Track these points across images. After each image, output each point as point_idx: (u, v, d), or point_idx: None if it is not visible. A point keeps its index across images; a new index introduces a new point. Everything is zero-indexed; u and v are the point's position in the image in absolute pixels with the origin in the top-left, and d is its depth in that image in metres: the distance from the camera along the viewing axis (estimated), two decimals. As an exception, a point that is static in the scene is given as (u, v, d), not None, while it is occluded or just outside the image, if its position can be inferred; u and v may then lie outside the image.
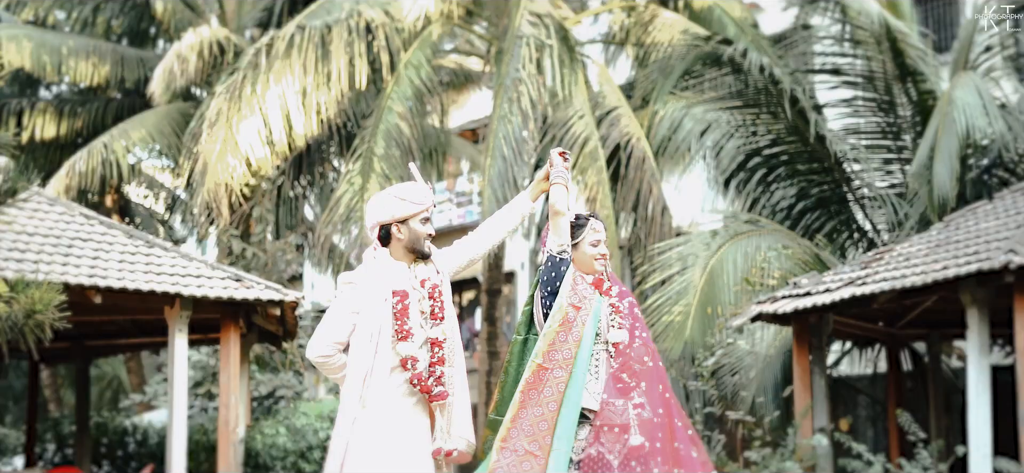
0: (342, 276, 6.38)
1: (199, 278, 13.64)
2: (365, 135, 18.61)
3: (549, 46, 18.21)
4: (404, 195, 6.41)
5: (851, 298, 13.35)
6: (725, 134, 18.20)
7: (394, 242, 6.37)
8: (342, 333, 6.27)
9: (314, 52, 18.58)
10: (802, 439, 13.84)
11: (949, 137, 14.86)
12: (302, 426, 15.04)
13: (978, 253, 12.74)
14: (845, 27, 18.23)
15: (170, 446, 13.55)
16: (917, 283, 12.83)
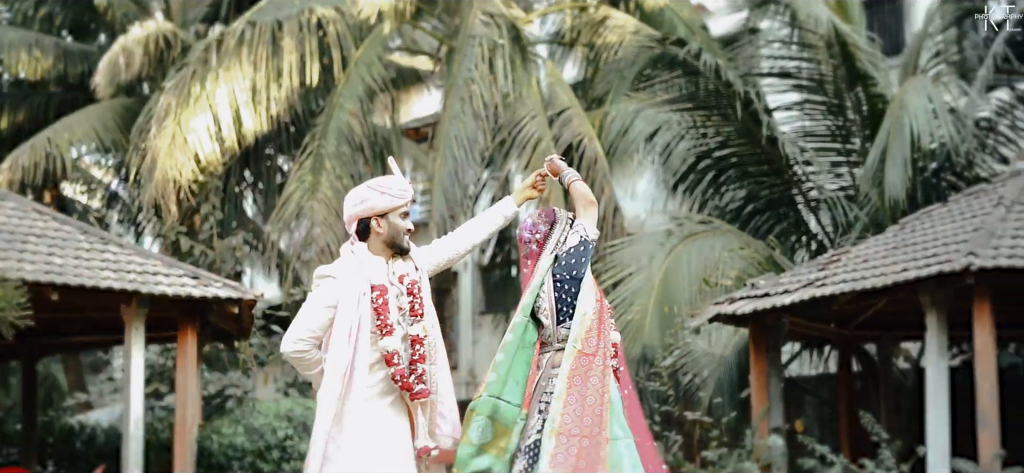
0: (319, 269, 6.25)
1: (157, 276, 13.44)
2: (316, 132, 18.47)
3: (502, 46, 18.19)
4: (385, 188, 6.28)
5: (811, 299, 13.43)
6: (676, 136, 18.28)
7: (373, 236, 6.25)
8: (319, 327, 6.12)
9: (265, 49, 18.44)
10: (760, 439, 13.90)
11: (900, 142, 15.03)
12: (260, 425, 14.87)
13: (937, 255, 12.85)
14: (794, 31, 18.35)
15: (126, 446, 13.35)
16: (878, 285, 12.93)
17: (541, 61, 19.93)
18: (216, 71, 18.23)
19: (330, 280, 6.15)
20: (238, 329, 14.86)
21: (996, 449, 12.39)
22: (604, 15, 19.70)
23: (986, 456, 12.42)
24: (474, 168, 18.28)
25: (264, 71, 18.42)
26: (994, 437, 12.45)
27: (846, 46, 17.32)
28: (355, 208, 6.30)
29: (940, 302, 12.90)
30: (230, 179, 20.06)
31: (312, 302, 6.16)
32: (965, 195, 14.77)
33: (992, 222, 13.03)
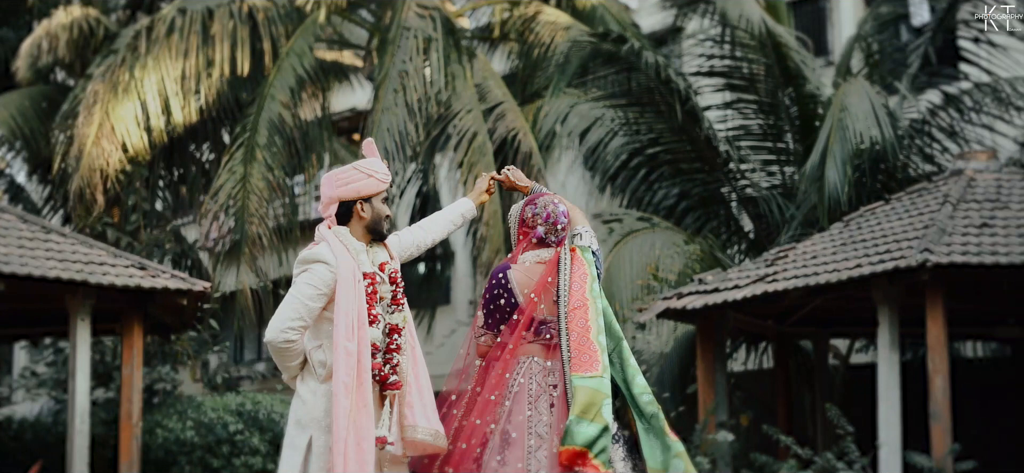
0: (307, 253, 5.90)
1: (103, 266, 13.12)
2: (247, 123, 18.16)
3: (436, 40, 18.05)
4: (372, 170, 6.05)
5: (763, 295, 13.54)
6: (609, 132, 18.31)
7: (355, 220, 6.01)
8: (309, 315, 5.83)
9: (195, 37, 18.10)
10: (708, 435, 13.98)
11: (842, 142, 15.18)
12: (210, 420, 14.57)
13: (890, 252, 13.03)
14: (726, 30, 18.46)
15: (71, 441, 13.02)
16: (832, 280, 13.08)
17: (474, 55, 19.80)
18: (145, 59, 17.85)
19: (324, 266, 5.85)
20: (179, 322, 14.55)
21: (948, 443, 12.60)
22: (536, 10, 19.66)
23: (938, 450, 12.61)
24: (405, 161, 18.12)
25: (194, 59, 18.07)
26: (946, 431, 12.66)
27: (779, 46, 17.47)
28: (338, 190, 6.03)
29: (892, 298, 13.08)
30: (154, 169, 19.61)
31: (303, 288, 5.82)
32: (907, 193, 15.00)
33: (942, 219, 13.25)
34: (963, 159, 15.08)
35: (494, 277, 6.28)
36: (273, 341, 5.81)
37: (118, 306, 13.59)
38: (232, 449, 14.42)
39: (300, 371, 5.98)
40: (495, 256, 17.74)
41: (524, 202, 6.50)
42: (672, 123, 17.96)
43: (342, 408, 5.71)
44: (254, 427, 14.71)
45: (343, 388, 5.72)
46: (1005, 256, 12.55)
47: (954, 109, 17.56)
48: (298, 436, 5.89)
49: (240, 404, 14.96)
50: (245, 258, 17.18)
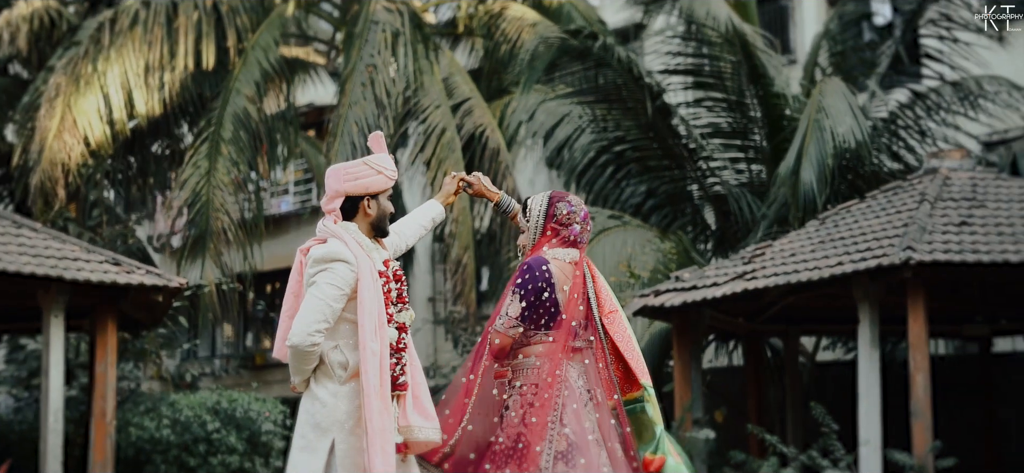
0: (326, 252, 5.65)
1: (77, 261, 12.86)
2: (212, 118, 17.94)
3: (403, 34, 17.92)
4: (382, 166, 5.87)
5: (743, 292, 13.53)
6: (577, 129, 18.26)
7: (360, 216, 5.84)
8: (333, 316, 5.64)
9: (159, 30, 17.85)
10: (685, 432, 13.95)
11: (819, 142, 15.18)
12: (186, 418, 14.34)
13: (871, 249, 13.04)
14: (693, 27, 18.42)
15: (44, 440, 12.75)
16: (813, 278, 13.07)
17: (441, 51, 19.68)
18: (108, 51, 17.58)
19: (345, 264, 5.65)
20: (150, 319, 14.32)
21: (929, 440, 12.63)
22: (502, 7, 19.58)
23: (919, 447, 12.65)
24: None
25: (158, 52, 17.82)
26: (927, 428, 12.69)
27: (746, 44, 17.47)
28: (346, 184, 5.84)
29: (873, 296, 13.10)
30: (115, 163, 19.33)
31: (327, 289, 5.61)
32: (882, 191, 15.03)
33: (921, 218, 13.28)
34: (937, 157, 15.14)
35: (537, 269, 6.06)
36: (301, 345, 5.59)
37: (90, 302, 13.32)
38: (209, 448, 14.21)
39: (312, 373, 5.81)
40: (464, 253, 17.65)
41: (552, 197, 6.31)
42: (640, 120, 17.93)
43: (375, 409, 5.56)
44: (231, 425, 14.50)
45: (374, 390, 5.59)
46: (986, 254, 12.59)
47: (920, 108, 17.65)
48: (317, 439, 5.70)
49: (216, 402, 14.75)
50: (210, 253, 16.98)
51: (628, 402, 6.27)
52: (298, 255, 5.98)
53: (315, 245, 5.84)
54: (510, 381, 6.07)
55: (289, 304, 5.99)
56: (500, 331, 5.99)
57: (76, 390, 16.39)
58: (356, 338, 5.69)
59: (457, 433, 6.00)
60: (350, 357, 5.70)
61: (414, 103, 18.06)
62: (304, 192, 25.70)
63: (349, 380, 5.71)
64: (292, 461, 5.76)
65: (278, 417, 15.18)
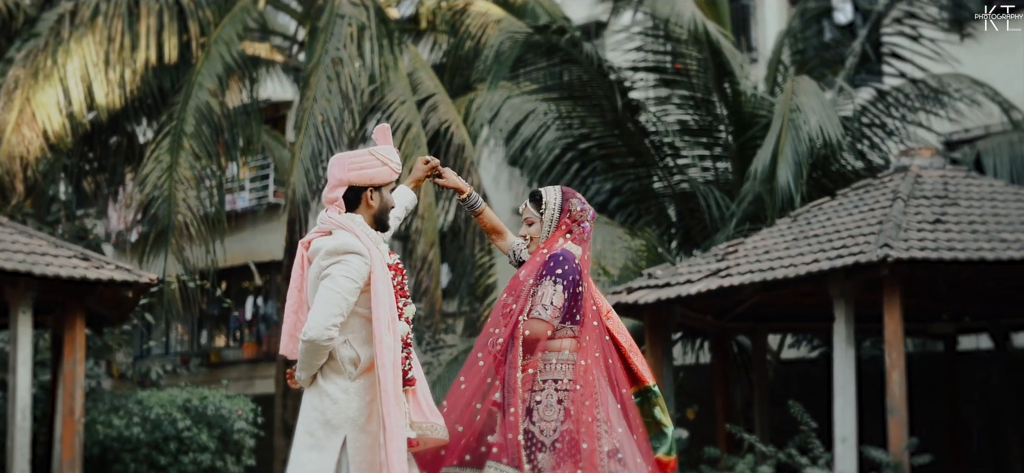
0: (339, 244, 5.49)
1: (45, 256, 12.61)
2: (173, 112, 17.71)
3: (369, 28, 17.77)
4: (387, 158, 5.73)
5: (718, 289, 13.50)
6: (542, 125, 18.19)
7: (363, 208, 5.69)
8: (349, 310, 5.50)
9: (120, 22, 17.59)
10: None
11: (795, 141, 15.17)
12: (157, 416, 14.10)
13: (846, 247, 13.05)
14: (658, 24, 18.37)
15: (12, 438, 12.50)
16: (789, 275, 13.08)
17: (405, 46, 19.54)
18: (68, 44, 17.30)
19: (359, 257, 5.51)
20: (117, 315, 14.09)
21: (905, 437, 12.66)
22: (466, 2, 19.45)
23: (895, 444, 12.67)
24: (341, 148, 17.80)
25: (119, 46, 17.56)
26: (903, 426, 12.72)
27: (713, 42, 17.45)
28: (350, 173, 5.68)
29: (849, 293, 13.12)
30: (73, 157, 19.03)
31: (343, 282, 5.47)
32: (853, 189, 15.06)
33: (896, 215, 13.31)
34: (908, 155, 15.18)
35: (571, 262, 6.00)
36: (318, 339, 5.43)
37: (57, 298, 13.07)
38: (180, 446, 14.00)
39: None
40: (430, 250, 17.53)
41: (565, 192, 6.28)
42: (605, 117, 17.90)
43: (392, 405, 5.45)
44: (202, 423, 14.30)
45: (390, 386, 5.47)
46: (962, 252, 12.64)
47: (880, 106, 17.71)
48: (328, 437, 5.55)
49: (187, 400, 14.52)
50: (172, 249, 16.75)
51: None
52: (300, 249, 5.83)
53: (318, 237, 5.69)
54: (534, 375, 5.97)
55: (293, 299, 5.85)
56: (547, 320, 5.88)
57: (35, 388, 16.08)
58: (366, 332, 5.58)
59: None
60: (361, 352, 5.58)
61: (379, 98, 17.91)
62: (260, 189, 25.45)
63: (360, 376, 5.59)
64: (299, 461, 5.59)
65: (249, 414, 15.00)
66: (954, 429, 17.07)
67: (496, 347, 5.93)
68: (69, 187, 18.72)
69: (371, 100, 17.95)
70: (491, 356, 5.95)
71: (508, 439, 5.79)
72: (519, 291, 5.98)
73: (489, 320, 6.08)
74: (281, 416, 18.50)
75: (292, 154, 17.41)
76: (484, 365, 5.99)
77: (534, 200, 6.26)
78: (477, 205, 6.40)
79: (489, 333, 6.00)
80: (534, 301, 5.94)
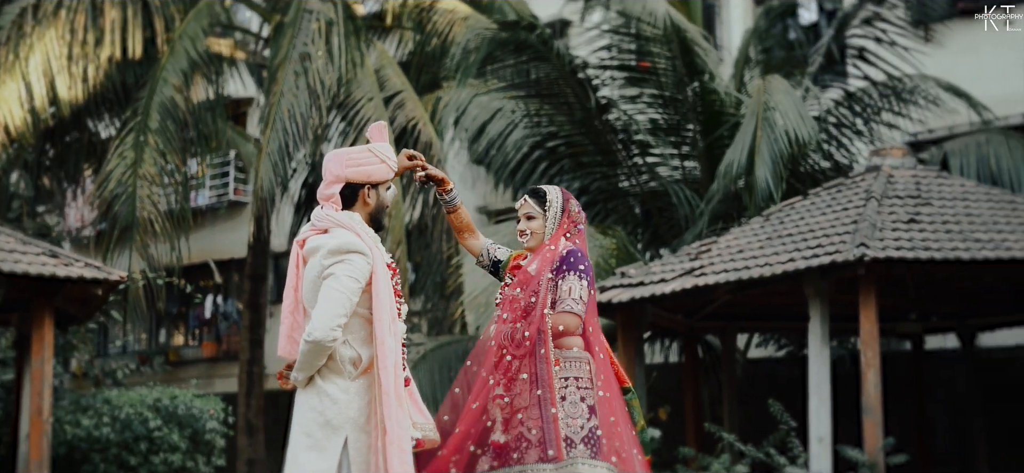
0: (341, 242, 5.42)
1: (13, 253, 12.40)
2: (138, 107, 17.50)
3: (336, 24, 17.64)
4: (385, 156, 5.68)
5: (693, 288, 13.47)
6: (510, 123, 18.09)
7: (360, 206, 5.63)
8: (351, 310, 5.43)
9: (84, 17, 17.37)
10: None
11: (771, 139, 15.14)
12: (127, 416, 13.89)
13: (822, 246, 13.05)
14: (628, 21, 18.32)
15: (-22, 437, 12.27)
16: (765, 274, 13.06)
17: (372, 43, 19.40)
18: (31, 39, 17.07)
19: (362, 257, 5.45)
20: (84, 313, 13.88)
21: (880, 437, 12.67)
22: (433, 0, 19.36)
23: (870, 444, 12.68)
24: (306, 144, 17.68)
25: (82, 41, 17.34)
26: (878, 425, 12.72)
27: (685, 40, 17.42)
28: (348, 169, 5.62)
29: (823, 293, 13.12)
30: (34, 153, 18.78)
31: (347, 282, 5.40)
32: (825, 189, 15.06)
33: (870, 215, 13.31)
34: (879, 155, 15.21)
35: (587, 260, 6.09)
36: (323, 339, 5.35)
37: (23, 296, 12.84)
38: (150, 446, 13.80)
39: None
40: (397, 248, 17.40)
41: (564, 193, 6.34)
42: (573, 116, 17.83)
43: (392, 406, 5.38)
44: (173, 423, 14.10)
45: (391, 387, 5.41)
46: (937, 252, 12.66)
47: (848, 107, 17.74)
48: (328, 438, 5.47)
49: (157, 399, 14.32)
50: (137, 246, 16.56)
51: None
52: (294, 247, 5.75)
53: (315, 235, 5.61)
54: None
55: (289, 299, 5.76)
56: (580, 314, 5.92)
57: (-1, 388, 15.87)
58: (366, 332, 5.51)
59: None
60: (361, 352, 5.50)
61: (346, 94, 17.77)
62: (220, 187, 25.22)
63: (360, 376, 5.51)
64: (297, 462, 5.49)
65: (220, 414, 14.83)
66: (921, 429, 17.13)
67: (523, 339, 5.87)
68: (29, 184, 18.43)
69: (338, 96, 17.80)
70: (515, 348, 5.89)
71: (545, 433, 5.76)
72: (531, 284, 5.94)
73: (501, 312, 6.02)
74: (245, 415, 18.34)
75: (259, 149, 17.25)
76: (511, 359, 5.94)
77: (537, 196, 6.28)
78: (455, 201, 6.34)
79: (504, 323, 5.94)
80: (560, 295, 5.94)
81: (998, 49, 19.30)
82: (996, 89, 18.48)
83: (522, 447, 5.79)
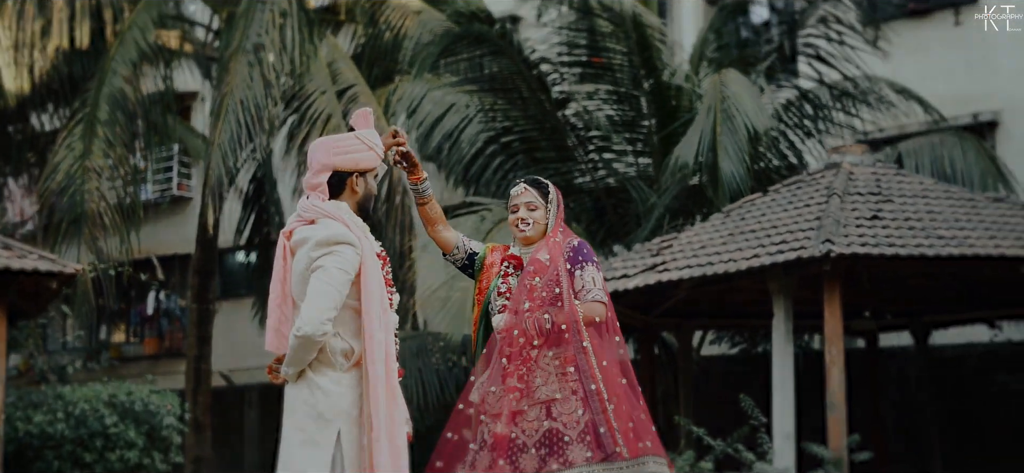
0: (329, 234, 5.28)
1: (-34, 246, 12.09)
2: (86, 98, 17.19)
3: (290, 15, 17.42)
4: (373, 143, 5.56)
5: (657, 284, 13.41)
6: (464, 118, 17.96)
7: (347, 195, 5.50)
8: (342, 302, 5.30)
9: (32, 7, 17.05)
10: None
11: (731, 133, 15.10)
12: (82, 412, 13.58)
13: (786, 242, 13.02)
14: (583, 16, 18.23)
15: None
16: (730, 270, 13.01)
17: (324, 36, 19.18)
18: (-24, 28, 16.75)
19: (351, 248, 5.32)
20: (35, 307, 13.58)
21: (844, 433, 12.66)
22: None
23: (834, 440, 12.67)
24: (262, 135, 17.45)
25: (29, 30, 17.01)
26: (842, 422, 12.72)
27: (644, 36, 17.36)
28: (335, 157, 5.50)
29: (787, 289, 13.11)
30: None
31: (336, 274, 5.27)
32: (785, 185, 15.05)
33: (834, 211, 13.31)
34: (838, 152, 15.23)
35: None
36: (314, 333, 5.21)
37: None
38: (106, 443, 13.52)
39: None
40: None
41: (556, 188, 6.34)
42: (528, 111, 17.73)
43: (380, 399, 5.27)
44: (129, 419, 13.82)
45: (380, 379, 5.29)
46: (902, 248, 12.68)
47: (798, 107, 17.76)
48: (321, 431, 5.33)
49: (112, 395, 14.02)
50: (85, 239, 16.27)
51: None
52: (281, 239, 5.60)
53: (302, 226, 5.47)
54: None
55: (276, 292, 5.60)
56: (606, 303, 5.88)
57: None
58: (357, 325, 5.38)
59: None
60: (353, 344, 5.37)
61: (299, 87, 17.56)
62: (164, 181, 24.86)
63: (352, 368, 5.38)
64: (291, 456, 5.36)
65: (177, 410, 14.59)
66: (875, 426, 17.17)
67: (554, 329, 5.82)
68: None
69: (291, 90, 17.58)
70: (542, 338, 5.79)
71: (598, 428, 5.70)
72: (547, 273, 5.87)
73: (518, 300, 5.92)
74: (192, 412, 18.06)
75: (211, 141, 17.01)
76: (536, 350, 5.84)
77: (539, 187, 6.25)
78: (428, 191, 6.23)
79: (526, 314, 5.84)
80: (584, 286, 5.96)
81: (946, 49, 19.47)
82: (944, 89, 18.61)
83: (562, 443, 5.70)
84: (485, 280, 6.18)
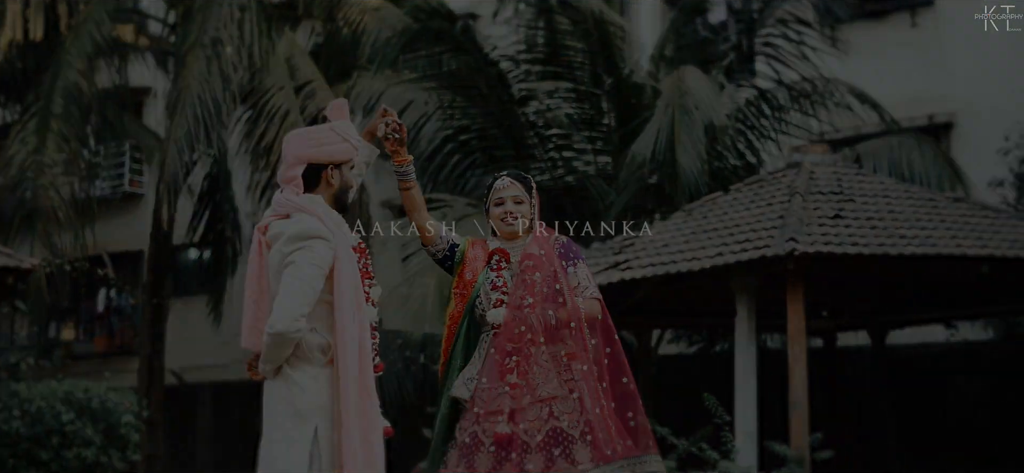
0: (301, 229, 5.19)
1: (-80, 239, 11.87)
2: (40, 91, 16.98)
3: (249, 10, 17.29)
4: (348, 135, 5.47)
5: (619, 282, 13.37)
6: (423, 115, 17.88)
7: (323, 187, 5.40)
8: (315, 298, 5.21)
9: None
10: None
11: (689, 128, 15.10)
12: (38, 409, 13.36)
13: (750, 240, 13.02)
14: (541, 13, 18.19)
15: None
16: (694, 268, 13.00)
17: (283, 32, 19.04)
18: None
19: (324, 242, 5.21)
20: (-9, 302, 13.38)
21: (807, 432, 12.68)
22: (342, -13, 19.08)
23: (796, 439, 12.68)
24: (220, 129, 17.31)
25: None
26: (804, 421, 12.74)
27: (606, 34, 17.34)
28: (309, 150, 5.40)
29: (751, 287, 13.12)
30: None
31: (308, 269, 5.17)
32: (746, 184, 15.07)
33: (796, 210, 13.32)
34: (800, 152, 15.27)
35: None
36: (287, 331, 5.11)
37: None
38: (62, 440, 13.31)
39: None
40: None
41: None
42: (487, 108, 17.69)
43: (351, 396, 5.18)
44: (87, 417, 13.62)
45: (352, 376, 5.19)
46: (865, 247, 12.71)
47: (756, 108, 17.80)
48: (297, 428, 5.24)
49: (69, 392, 13.81)
50: (40, 234, 16.08)
51: None
52: (256, 235, 5.50)
53: (276, 220, 5.37)
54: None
55: (252, 289, 5.50)
56: (601, 300, 5.83)
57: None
58: (333, 319, 5.26)
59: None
60: (330, 339, 5.27)
61: (257, 82, 17.42)
62: (115, 178, 24.59)
63: (329, 363, 5.29)
64: (270, 455, 5.27)
65: (135, 407, 14.42)
66: (833, 426, 17.21)
67: (558, 326, 5.79)
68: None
69: (248, 85, 17.45)
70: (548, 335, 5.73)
71: (598, 428, 5.64)
72: (544, 267, 5.81)
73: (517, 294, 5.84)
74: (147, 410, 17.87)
75: (166, 136, 16.85)
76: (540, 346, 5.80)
77: (523, 180, 6.17)
78: (411, 175, 6.10)
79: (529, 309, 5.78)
80: (580, 283, 5.97)
81: (902, 50, 19.59)
82: (900, 90, 18.71)
83: (568, 443, 5.65)
84: (468, 273, 6.07)
